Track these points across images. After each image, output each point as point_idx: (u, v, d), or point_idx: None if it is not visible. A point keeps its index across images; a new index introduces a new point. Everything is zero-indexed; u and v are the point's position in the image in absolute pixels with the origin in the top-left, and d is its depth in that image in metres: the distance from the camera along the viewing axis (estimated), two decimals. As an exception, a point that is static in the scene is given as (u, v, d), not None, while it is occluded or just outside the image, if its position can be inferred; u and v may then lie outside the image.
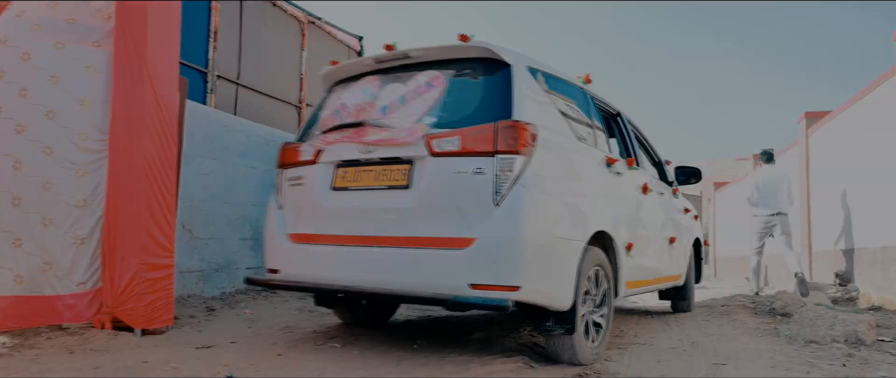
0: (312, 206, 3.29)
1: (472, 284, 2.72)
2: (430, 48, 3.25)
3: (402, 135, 3.00)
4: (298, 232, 3.32)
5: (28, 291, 3.38)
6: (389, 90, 3.25)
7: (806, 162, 8.50)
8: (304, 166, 3.36)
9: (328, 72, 3.64)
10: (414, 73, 3.24)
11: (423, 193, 2.91)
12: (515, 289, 2.69)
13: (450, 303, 2.78)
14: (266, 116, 6.54)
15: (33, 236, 3.39)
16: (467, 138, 2.85)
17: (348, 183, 3.19)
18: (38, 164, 3.41)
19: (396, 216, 2.99)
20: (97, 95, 3.55)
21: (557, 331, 2.97)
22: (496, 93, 3.01)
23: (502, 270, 2.70)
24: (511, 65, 3.08)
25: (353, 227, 3.11)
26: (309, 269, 3.23)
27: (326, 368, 2.90)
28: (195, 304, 4.28)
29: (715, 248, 15.39)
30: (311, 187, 3.30)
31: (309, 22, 7.36)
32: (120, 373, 2.68)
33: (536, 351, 3.42)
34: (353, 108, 3.28)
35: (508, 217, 2.73)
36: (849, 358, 3.35)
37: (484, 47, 3.12)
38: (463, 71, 3.14)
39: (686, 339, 3.97)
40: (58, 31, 3.54)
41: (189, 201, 4.39)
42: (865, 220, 6.47)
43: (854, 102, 6.87)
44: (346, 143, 3.18)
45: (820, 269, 7.90)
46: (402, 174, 3.01)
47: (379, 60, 3.40)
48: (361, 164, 3.16)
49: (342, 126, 3.26)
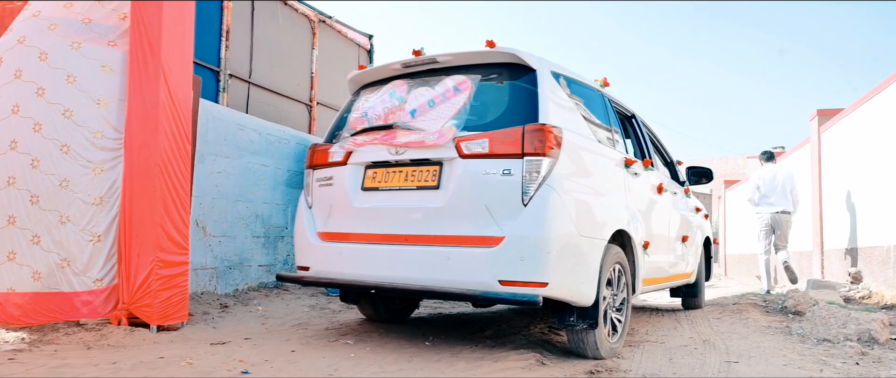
0: (342, 206, 3.39)
1: (501, 281, 2.84)
2: (458, 54, 3.36)
3: (432, 137, 3.10)
4: (328, 230, 3.43)
5: (46, 288, 3.44)
6: (417, 94, 3.34)
7: (818, 159, 8.44)
8: (334, 167, 3.47)
9: (355, 75, 3.74)
10: (441, 78, 3.34)
11: (453, 193, 3.02)
12: (543, 285, 2.80)
13: (480, 298, 2.88)
14: (277, 115, 6.58)
15: (51, 233, 3.44)
16: (496, 141, 2.96)
17: (378, 183, 3.30)
18: (55, 163, 3.46)
19: (426, 215, 3.09)
20: (113, 94, 3.59)
21: (580, 325, 3.08)
22: (523, 97, 3.12)
23: (531, 267, 2.80)
24: (536, 69, 3.19)
25: (383, 225, 3.21)
26: (339, 267, 3.33)
27: (340, 365, 2.93)
28: (209, 301, 4.32)
29: (725, 246, 15.32)
30: (341, 187, 3.40)
31: (319, 21, 7.39)
32: (137, 368, 2.72)
33: (547, 347, 3.44)
34: (382, 111, 3.38)
35: (536, 216, 2.84)
36: (862, 356, 3.34)
37: (510, 53, 3.23)
38: (489, 76, 3.26)
39: (697, 337, 3.97)
40: (74, 30, 3.59)
41: (202, 199, 4.43)
42: (878, 218, 6.43)
43: (867, 100, 6.82)
44: (376, 145, 3.28)
45: (832, 268, 7.85)
46: (431, 175, 3.13)
47: (406, 65, 3.50)
48: (391, 165, 3.26)
49: (372, 128, 3.37)
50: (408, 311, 4.38)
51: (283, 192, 5.46)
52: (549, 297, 2.85)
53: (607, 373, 2.86)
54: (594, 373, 2.87)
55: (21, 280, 3.40)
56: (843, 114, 7.65)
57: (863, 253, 6.80)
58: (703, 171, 5.11)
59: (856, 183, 7.14)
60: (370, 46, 8.49)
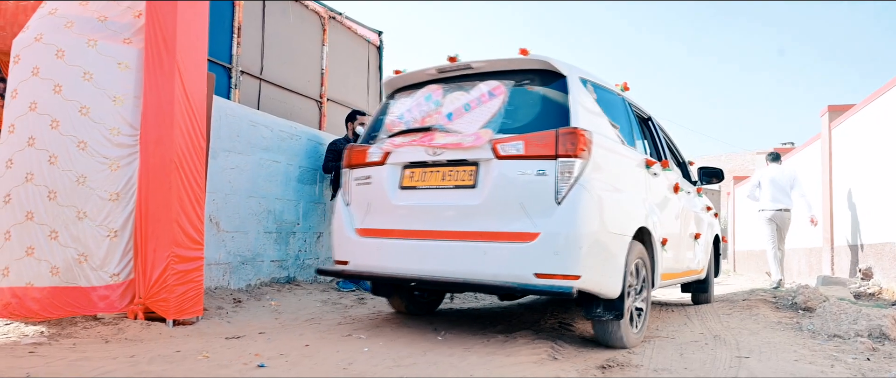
0: (381, 204, 3.57)
1: (537, 274, 3.03)
2: (492, 60, 3.54)
3: (469, 139, 3.28)
4: (367, 227, 3.61)
5: (64, 283, 3.49)
6: (453, 98, 3.53)
7: (829, 156, 8.41)
8: (372, 167, 3.63)
9: (390, 79, 3.91)
10: (476, 83, 3.52)
11: (489, 192, 3.21)
12: (576, 277, 2.99)
13: (518, 290, 3.10)
14: (288, 111, 6.62)
15: (68, 229, 3.49)
16: (531, 143, 3.15)
17: (416, 182, 3.48)
18: (72, 159, 3.50)
19: (463, 213, 3.27)
20: (129, 91, 3.64)
21: (607, 317, 3.25)
22: (554, 102, 3.32)
23: (564, 261, 3.00)
24: (566, 76, 3.38)
25: (421, 222, 3.39)
26: (379, 261, 3.51)
27: (355, 359, 2.96)
28: (222, 296, 4.37)
29: (733, 243, 15.27)
30: (379, 186, 3.57)
31: (330, 17, 7.41)
32: (155, 362, 2.76)
33: (558, 342, 3.46)
34: (419, 115, 3.58)
35: (569, 214, 3.04)
36: (873, 352, 3.35)
37: (542, 60, 3.41)
38: (522, 81, 3.44)
39: (708, 333, 3.98)
40: (90, 28, 3.63)
41: (215, 195, 4.47)
42: (889, 215, 6.40)
43: (878, 96, 6.79)
44: (415, 146, 3.45)
45: (842, 264, 7.82)
46: (468, 175, 3.31)
47: (441, 70, 3.67)
48: (428, 165, 3.44)
49: (409, 130, 3.55)
50: (434, 305, 4.56)
51: (294, 188, 5.50)
52: (581, 289, 3.02)
53: (619, 368, 2.89)
54: (606, 367, 2.89)
55: (39, 275, 3.45)
56: (854, 110, 7.61)
57: (873, 249, 6.77)
58: (713, 172, 5.25)
59: (866, 179, 7.11)
60: (380, 43, 8.51)
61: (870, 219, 6.96)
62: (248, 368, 2.71)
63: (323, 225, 5.97)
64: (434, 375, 2.67)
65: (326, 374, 2.65)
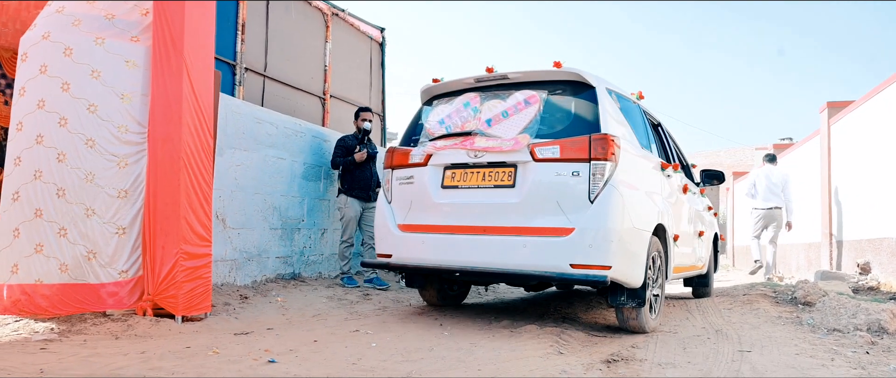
0: (423, 201, 3.88)
1: (572, 264, 3.38)
2: (526, 71, 3.86)
3: (508, 143, 3.59)
4: (409, 223, 3.93)
5: (72, 279, 3.52)
6: (490, 106, 3.82)
7: (827, 151, 8.45)
8: (415, 167, 3.94)
9: (428, 87, 4.21)
10: (511, 92, 3.83)
11: (528, 191, 3.54)
12: (608, 268, 3.33)
13: (556, 279, 3.48)
14: (292, 108, 6.64)
15: (77, 226, 3.52)
16: (566, 147, 3.49)
17: (457, 182, 3.80)
18: (80, 156, 3.53)
19: (503, 209, 3.59)
20: (136, 89, 3.66)
21: (630, 304, 3.59)
22: (586, 110, 3.65)
23: (597, 253, 3.35)
24: (595, 87, 3.70)
25: (462, 218, 3.72)
26: (421, 254, 3.83)
27: (364, 354, 3.00)
28: (229, 293, 4.40)
29: (733, 238, 15.33)
30: (422, 185, 3.88)
31: (332, 14, 7.43)
32: (166, 358, 2.79)
33: (563, 337, 3.50)
34: (459, 120, 3.89)
35: (602, 211, 3.38)
36: (872, 346, 3.39)
37: (573, 72, 3.75)
38: (555, 91, 3.78)
39: (710, 327, 4.03)
40: (97, 26, 3.65)
41: (221, 192, 4.50)
42: (887, 210, 6.46)
43: (877, 93, 6.83)
44: (457, 149, 3.77)
45: (841, 259, 7.88)
46: (507, 175, 3.64)
47: (479, 80, 3.98)
48: (469, 166, 3.76)
49: (450, 134, 3.86)
50: (461, 297, 4.87)
51: (299, 184, 5.53)
52: (611, 278, 3.35)
53: (624, 362, 2.93)
54: (611, 362, 2.93)
55: (48, 272, 3.48)
56: (853, 106, 7.66)
57: (871, 244, 6.83)
58: (715, 174, 5.49)
59: (865, 175, 7.16)
60: (382, 39, 8.52)
61: (868, 214, 7.01)
62: (258, 364, 2.75)
63: (328, 221, 6.01)
64: (442, 370, 2.71)
65: (336, 369, 2.69)
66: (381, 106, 8.64)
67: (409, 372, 2.66)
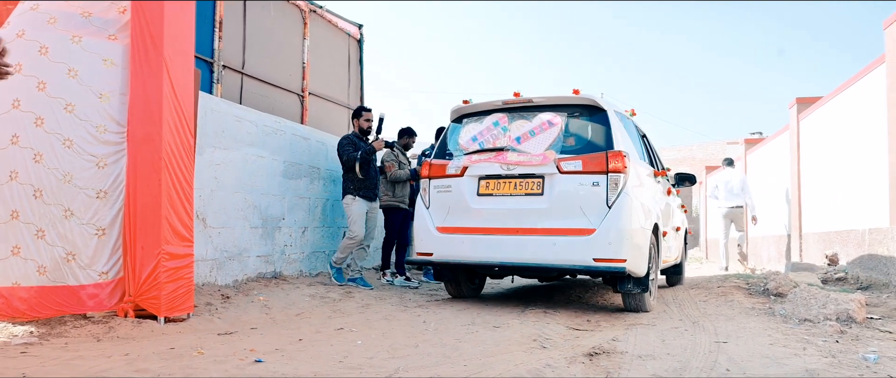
0: (460, 207, 4.50)
1: (595, 258, 4.07)
2: (549, 97, 4.51)
3: (537, 158, 4.29)
4: (447, 225, 4.55)
5: (51, 282, 3.47)
6: (518, 125, 4.48)
7: (797, 146, 8.68)
8: (452, 178, 4.57)
9: (458, 107, 4.84)
10: (536, 114, 4.48)
11: (555, 199, 4.23)
12: (624, 261, 4.03)
13: (581, 271, 4.25)
14: (270, 105, 6.60)
15: (55, 227, 3.47)
16: (587, 161, 4.19)
17: (491, 191, 4.44)
18: (58, 157, 3.48)
19: (533, 214, 4.26)
20: (115, 88, 3.62)
21: (636, 290, 4.27)
22: (600, 130, 4.34)
23: (616, 249, 4.04)
24: (607, 110, 4.39)
25: (497, 221, 4.36)
26: (459, 251, 4.46)
27: (350, 351, 3.03)
28: (210, 292, 4.38)
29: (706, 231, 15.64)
30: (459, 193, 4.52)
31: (310, 11, 7.39)
32: (151, 359, 2.78)
33: (545, 331, 3.57)
34: (491, 138, 4.53)
35: (618, 214, 4.08)
36: (841, 335, 3.52)
37: (589, 98, 4.45)
38: (574, 113, 4.47)
39: (687, 319, 4.14)
40: (74, 24, 3.59)
41: (201, 191, 4.46)
42: (854, 203, 6.67)
43: (845, 89, 7.03)
44: (491, 162, 4.43)
45: (810, 251, 8.11)
46: (536, 185, 4.32)
47: (506, 102, 4.60)
48: (502, 177, 4.41)
49: (484, 150, 4.50)
50: (479, 289, 5.47)
51: (279, 182, 5.51)
52: (626, 269, 4.03)
53: (605, 355, 3.00)
54: (593, 355, 3.00)
55: (26, 274, 3.43)
56: (822, 102, 7.87)
57: (839, 236, 7.05)
58: (686, 177, 6.16)
59: (833, 169, 7.38)
60: (360, 36, 8.50)
61: (835, 207, 7.23)
62: (244, 363, 2.75)
63: (308, 219, 5.99)
64: (429, 366, 2.75)
65: (324, 367, 2.70)
66: (360, 103, 8.63)
67: (397, 369, 2.69)
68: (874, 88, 6.18)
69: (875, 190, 6.08)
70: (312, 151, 6.12)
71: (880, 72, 6.00)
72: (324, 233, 6.31)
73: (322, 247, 6.27)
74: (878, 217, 5.98)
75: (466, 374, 2.62)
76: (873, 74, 6.22)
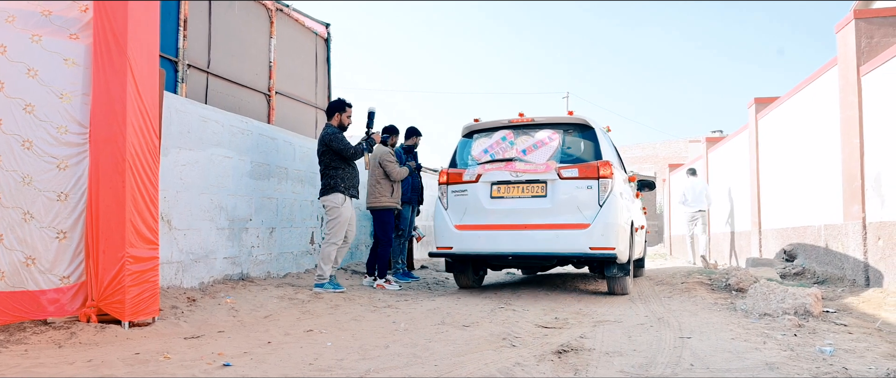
0: (476, 208, 5.41)
1: (591, 247, 5.03)
2: (548, 117, 5.55)
3: (541, 167, 5.27)
4: (464, 224, 5.45)
5: (10, 287, 3.37)
6: (522, 140, 5.48)
7: (755, 145, 8.94)
8: (468, 184, 5.48)
9: (469, 125, 5.80)
10: (537, 130, 5.50)
11: (556, 200, 5.20)
12: (613, 249, 5.02)
13: (581, 257, 5.15)
14: (236, 105, 6.51)
15: (14, 231, 3.38)
16: (581, 169, 5.20)
17: (502, 194, 5.38)
18: (17, 158, 3.38)
19: (538, 212, 5.21)
20: (76, 88, 3.53)
21: (620, 274, 5.33)
22: (590, 144, 5.40)
23: (607, 239, 5.03)
24: (594, 127, 5.45)
25: (508, 220, 5.28)
26: (476, 245, 5.34)
27: (321, 353, 3.02)
28: (176, 295, 4.30)
29: (669, 228, 15.95)
30: (474, 196, 5.43)
31: (277, 10, 7.30)
32: (116, 365, 2.73)
33: (514, 330, 3.61)
34: (500, 150, 5.50)
35: (608, 212, 5.08)
36: (799, 328, 3.65)
37: (581, 118, 5.50)
38: (568, 130, 5.51)
39: (652, 316, 4.23)
40: (34, 23, 3.49)
41: (166, 192, 4.38)
42: (810, 200, 6.90)
43: (800, 90, 7.27)
44: (502, 170, 5.38)
45: (768, 246, 8.37)
46: (540, 189, 5.28)
47: (512, 121, 5.62)
48: (511, 183, 5.35)
49: (495, 160, 5.45)
50: (482, 280, 6.35)
51: (246, 183, 5.44)
52: (615, 257, 5.02)
53: (574, 352, 3.06)
54: (561, 353, 3.05)
55: (-17, 279, 3.32)
56: (778, 102, 8.12)
57: (796, 232, 7.29)
58: (646, 182, 7.23)
59: (790, 167, 7.62)
60: (327, 35, 8.43)
61: (792, 203, 7.48)
62: (213, 368, 2.72)
63: (276, 220, 5.93)
64: (400, 367, 2.76)
65: (293, 370, 2.69)
66: (327, 102, 8.56)
67: (367, 370, 2.69)
68: (827, 90, 6.40)
69: (829, 187, 6.31)
70: (280, 151, 6.05)
71: (833, 74, 6.22)
72: (291, 233, 6.26)
73: (290, 248, 6.22)
74: (833, 213, 6.21)
75: (437, 374, 2.64)
76: (826, 76, 6.45)
